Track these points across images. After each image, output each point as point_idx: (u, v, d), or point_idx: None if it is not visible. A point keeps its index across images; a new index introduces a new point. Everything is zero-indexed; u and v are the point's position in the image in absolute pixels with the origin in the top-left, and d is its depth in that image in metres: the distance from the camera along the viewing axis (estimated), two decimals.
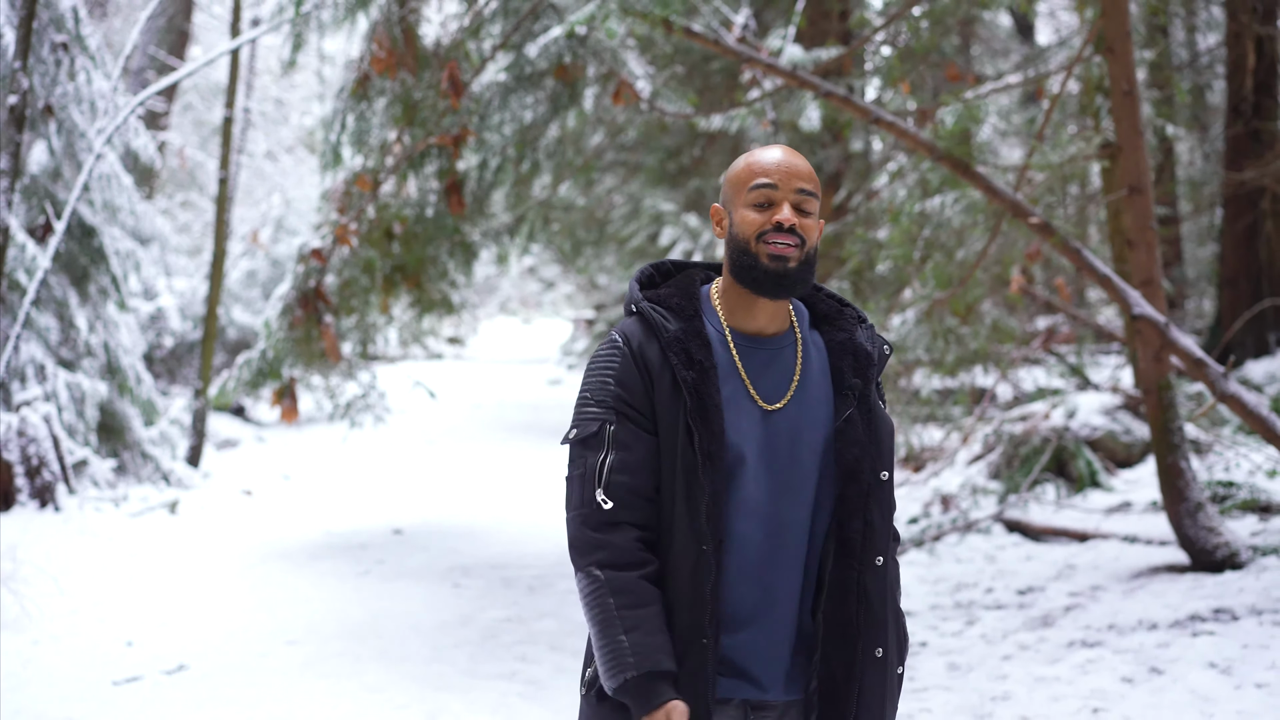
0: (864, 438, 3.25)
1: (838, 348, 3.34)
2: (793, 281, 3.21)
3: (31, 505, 12.00)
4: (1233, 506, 10.63)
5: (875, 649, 3.22)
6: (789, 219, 3.18)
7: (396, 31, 10.08)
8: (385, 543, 12.42)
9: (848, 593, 3.20)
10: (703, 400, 3.14)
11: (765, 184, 3.22)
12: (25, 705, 7.43)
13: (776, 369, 3.28)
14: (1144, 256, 9.20)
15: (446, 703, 7.50)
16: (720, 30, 10.23)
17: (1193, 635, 7.88)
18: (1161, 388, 9.21)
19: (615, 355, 3.25)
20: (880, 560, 3.24)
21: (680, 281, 3.38)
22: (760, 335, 3.30)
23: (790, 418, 3.24)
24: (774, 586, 3.19)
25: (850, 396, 3.27)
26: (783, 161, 3.24)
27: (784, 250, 3.18)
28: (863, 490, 3.22)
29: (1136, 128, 9.22)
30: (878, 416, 3.30)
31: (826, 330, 3.39)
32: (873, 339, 3.38)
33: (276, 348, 11.22)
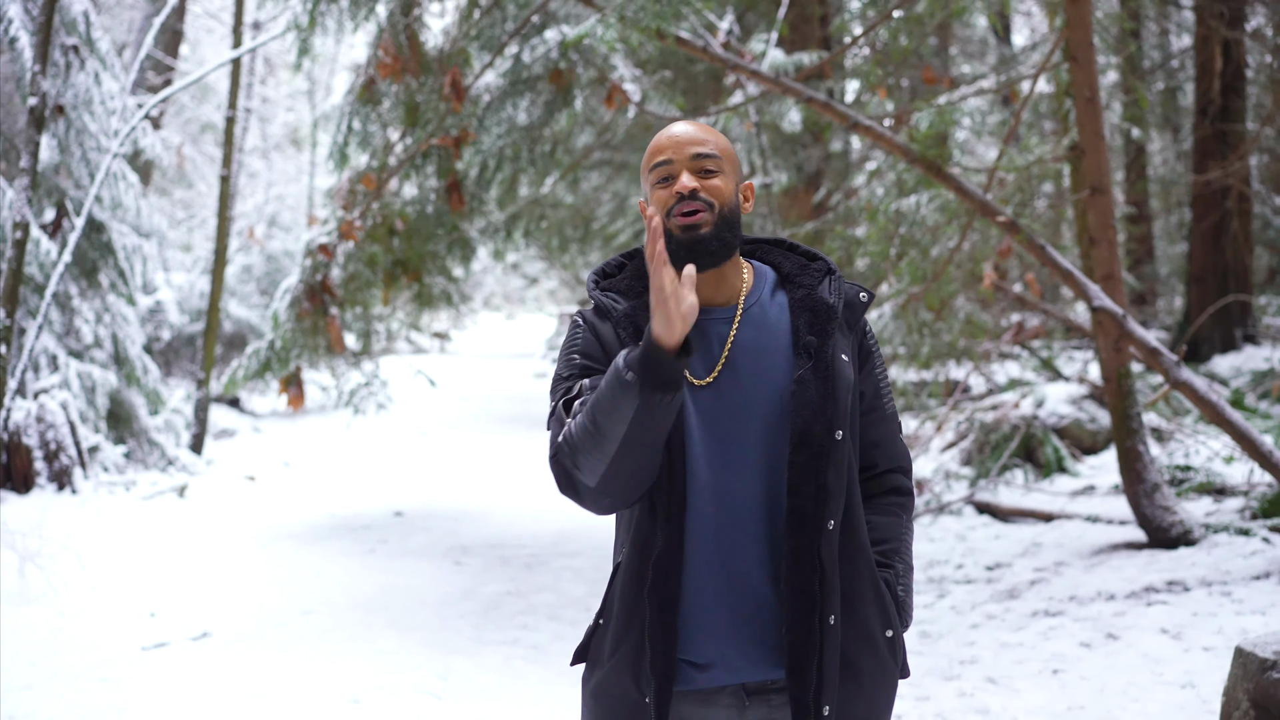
0: (816, 398, 3.11)
1: (796, 305, 3.23)
2: (710, 245, 3.10)
3: (50, 488, 12.58)
4: (1190, 489, 11.26)
5: (828, 616, 3.09)
6: (687, 185, 3.08)
7: (402, 39, 10.62)
8: (387, 524, 12.99)
9: (801, 561, 3.07)
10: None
11: (661, 161, 3.14)
12: (61, 668, 7.98)
13: (715, 341, 3.16)
14: (1105, 252, 9.80)
15: (456, 664, 8.10)
16: (707, 36, 10.78)
17: (1147, 605, 8.48)
18: (1121, 376, 9.82)
19: (577, 332, 3.23)
20: (832, 524, 3.10)
21: (633, 266, 3.33)
22: (704, 306, 3.18)
23: (732, 390, 3.13)
24: (735, 564, 3.10)
25: (805, 355, 3.15)
26: (675, 134, 3.17)
27: (691, 219, 3.08)
28: (814, 453, 3.09)
29: (1099, 132, 9.81)
30: (835, 373, 3.15)
31: (789, 289, 3.29)
32: (839, 289, 3.26)
33: (284, 338, 11.77)
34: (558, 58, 11.45)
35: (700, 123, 3.27)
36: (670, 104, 12.47)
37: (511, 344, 42.22)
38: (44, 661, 8.09)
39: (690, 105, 18.22)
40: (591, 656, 3.19)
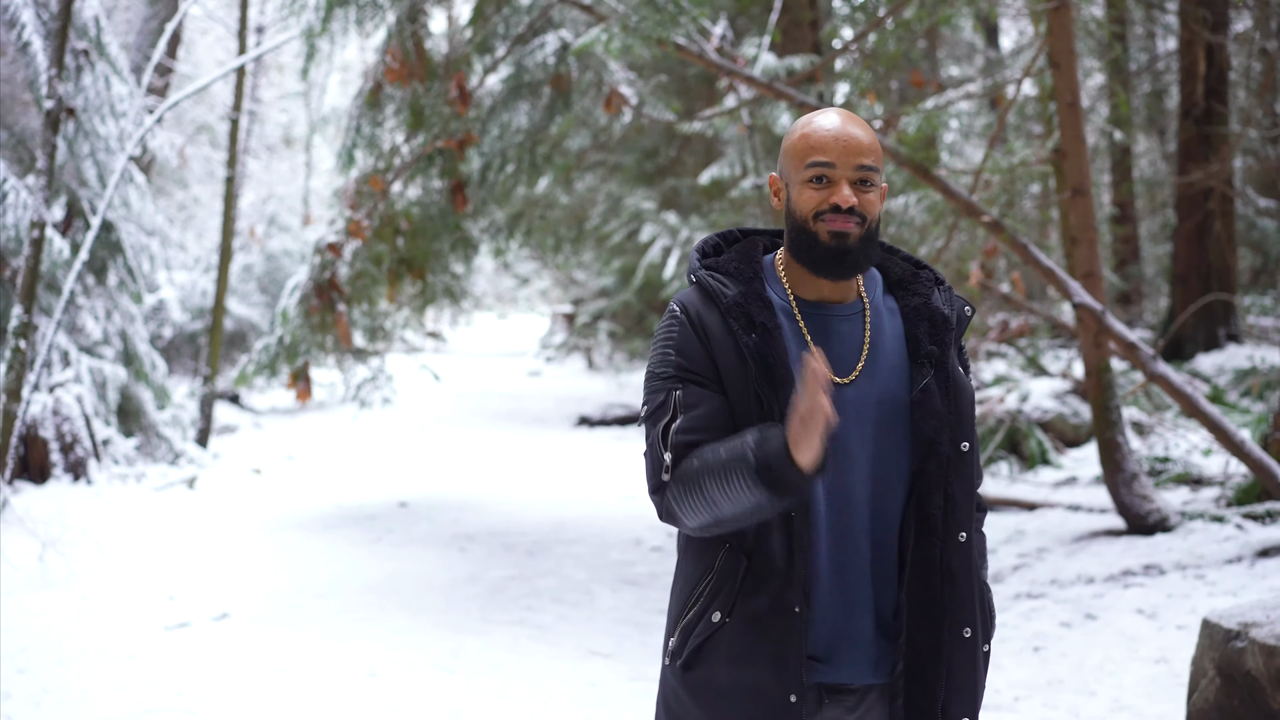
0: (942, 408, 3.08)
1: (913, 313, 3.18)
2: (854, 259, 3.06)
3: (65, 479, 12.98)
4: (1168, 479, 11.70)
5: (963, 629, 3.08)
6: (848, 200, 3.02)
7: (409, 45, 11.02)
8: (392, 514, 13.39)
9: (931, 571, 3.05)
10: (768, 364, 3.01)
11: (821, 162, 3.04)
12: (89, 645, 8.37)
13: (845, 339, 3.13)
14: (1086, 251, 10.22)
15: (465, 642, 8.50)
16: (701, 41, 11.17)
17: (1124, 587, 8.91)
18: (1101, 370, 10.25)
19: (674, 325, 3.13)
20: (964, 536, 3.10)
21: (742, 248, 3.25)
22: (826, 302, 3.15)
23: (859, 390, 3.08)
24: (843, 563, 3.05)
25: (927, 365, 3.11)
26: (840, 135, 3.07)
27: (843, 227, 3.02)
28: (942, 463, 3.06)
29: (1080, 136, 10.23)
30: (957, 384, 3.13)
31: (901, 295, 3.22)
32: (951, 301, 3.22)
33: (294, 334, 12.16)
34: (556, 63, 11.83)
35: (857, 119, 3.12)
36: (666, 108, 12.84)
37: (504, 343, 42.58)
38: (71, 640, 8.48)
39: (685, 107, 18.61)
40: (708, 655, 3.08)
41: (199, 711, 7.08)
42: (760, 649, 3.01)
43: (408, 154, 11.90)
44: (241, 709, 7.13)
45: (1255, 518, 10.04)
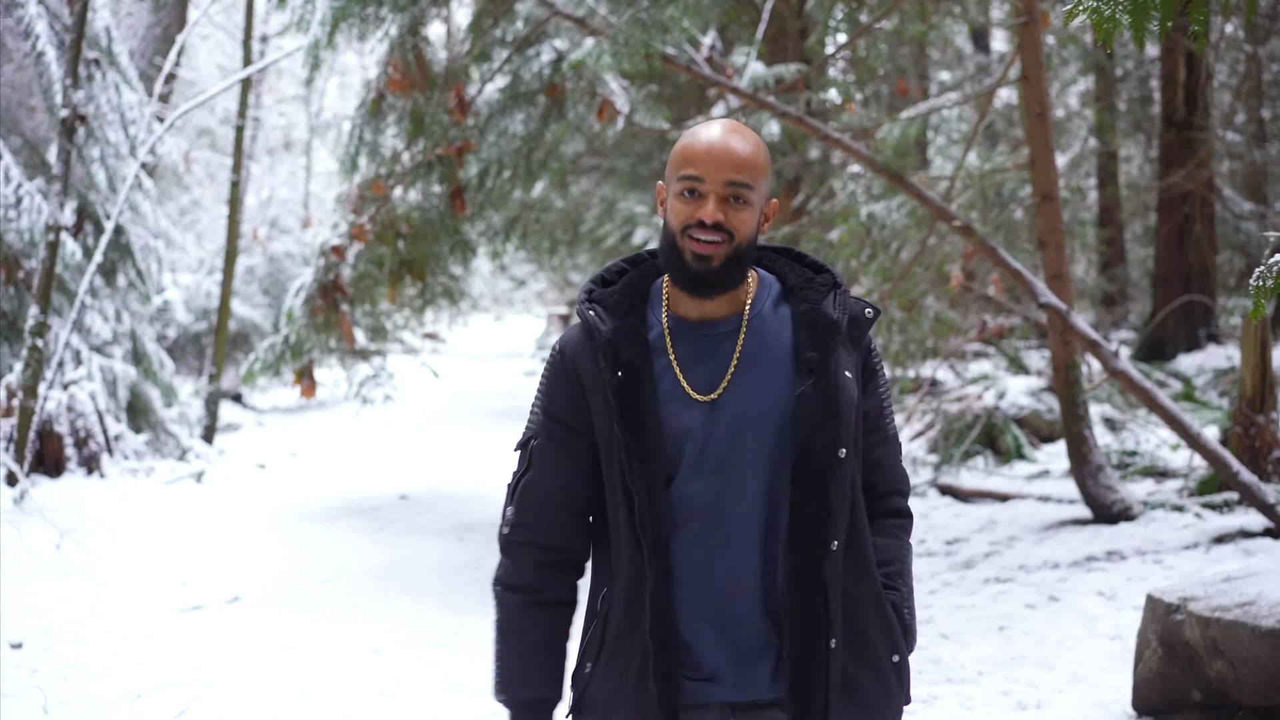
0: (817, 415, 3.01)
1: (799, 320, 3.11)
2: (715, 281, 3.02)
3: (79, 472, 13.51)
4: (1134, 472, 12.24)
5: (830, 639, 3.02)
6: (712, 215, 2.96)
7: (410, 57, 11.53)
8: (393, 506, 13.91)
9: (802, 582, 3.01)
10: (630, 402, 3.02)
11: (690, 175, 3.00)
12: (108, 625, 8.90)
13: (713, 357, 3.09)
14: (1053, 254, 10.75)
15: (466, 622, 9.03)
16: (691, 51, 11.67)
17: (1087, 571, 9.43)
18: (1069, 367, 10.78)
19: (549, 367, 3.19)
20: (836, 544, 3.03)
21: (633, 275, 3.22)
22: (705, 320, 3.11)
23: (730, 407, 3.05)
24: (726, 583, 3.04)
25: (806, 372, 3.04)
26: (715, 147, 3.00)
27: (706, 249, 2.98)
28: (815, 472, 3.01)
29: (1048, 144, 10.76)
30: (838, 390, 3.05)
31: (793, 302, 3.16)
32: (844, 304, 3.13)
33: (299, 333, 12.67)
34: (551, 73, 12.34)
35: (742, 132, 3.07)
36: (657, 115, 13.33)
37: (501, 344, 43.05)
38: (91, 622, 8.99)
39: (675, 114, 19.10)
40: (586, 704, 3.15)
41: (215, 684, 7.61)
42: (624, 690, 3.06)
43: (408, 161, 12.39)
44: (255, 682, 7.65)
45: (1213, 507, 10.59)
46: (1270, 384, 10.83)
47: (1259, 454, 10.65)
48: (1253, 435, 10.74)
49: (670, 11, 9.87)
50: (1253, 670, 6.21)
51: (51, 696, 7.34)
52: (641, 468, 2.99)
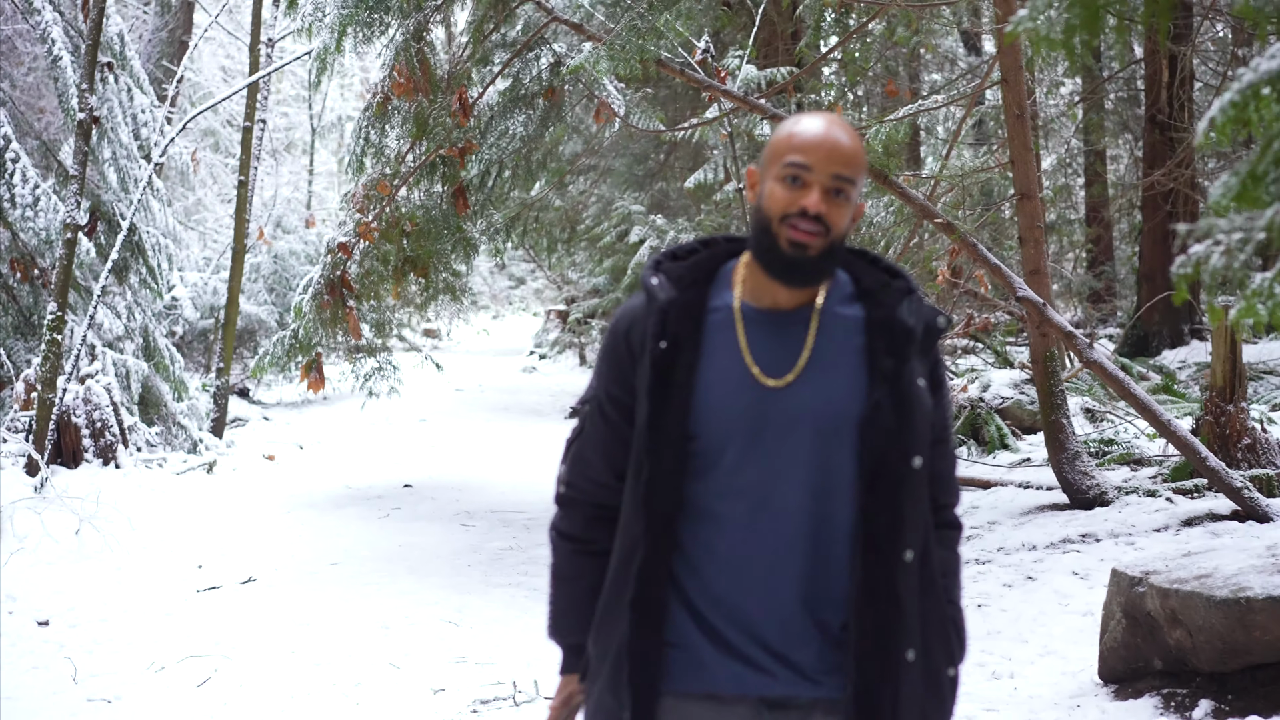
0: (892, 424, 2.97)
1: (875, 325, 3.05)
2: (809, 271, 2.98)
3: (96, 463, 13.98)
4: (1111, 460, 12.70)
5: (906, 651, 2.99)
6: (815, 206, 2.93)
7: (414, 62, 11.98)
8: (398, 494, 14.37)
9: (875, 592, 2.97)
10: (665, 375, 3.01)
11: (798, 163, 2.96)
12: (129, 604, 9.36)
13: (784, 344, 3.05)
14: (1032, 250, 11.21)
15: (469, 601, 9.51)
16: (685, 54, 12.11)
17: (1062, 553, 9.88)
18: (1046, 358, 11.24)
19: (609, 335, 3.18)
20: (909, 555, 3.00)
21: (703, 255, 3.21)
22: (776, 309, 3.07)
23: (795, 397, 3.01)
24: (771, 572, 3.00)
25: (882, 379, 3.00)
26: (824, 140, 2.98)
27: (805, 238, 2.94)
28: (890, 482, 2.97)
29: (1027, 144, 11.21)
30: (912, 399, 3.00)
31: (868, 305, 3.10)
32: (919, 312, 3.06)
33: (307, 327, 13.11)
34: (550, 77, 12.79)
35: (847, 128, 3.04)
36: (652, 117, 13.77)
37: (500, 341, 43.42)
38: (113, 601, 9.45)
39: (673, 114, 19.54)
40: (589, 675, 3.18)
41: (234, 657, 8.07)
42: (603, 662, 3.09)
43: (412, 161, 12.83)
44: (271, 655, 8.12)
45: (1184, 492, 11.05)
46: (1240, 374, 11.29)
47: (1229, 441, 11.13)
48: (1223, 423, 11.21)
49: (664, 18, 10.33)
50: (1208, 638, 6.67)
51: (80, 668, 7.81)
52: (658, 441, 3.00)
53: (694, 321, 3.06)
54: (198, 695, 7.38)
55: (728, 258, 3.20)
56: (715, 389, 3.01)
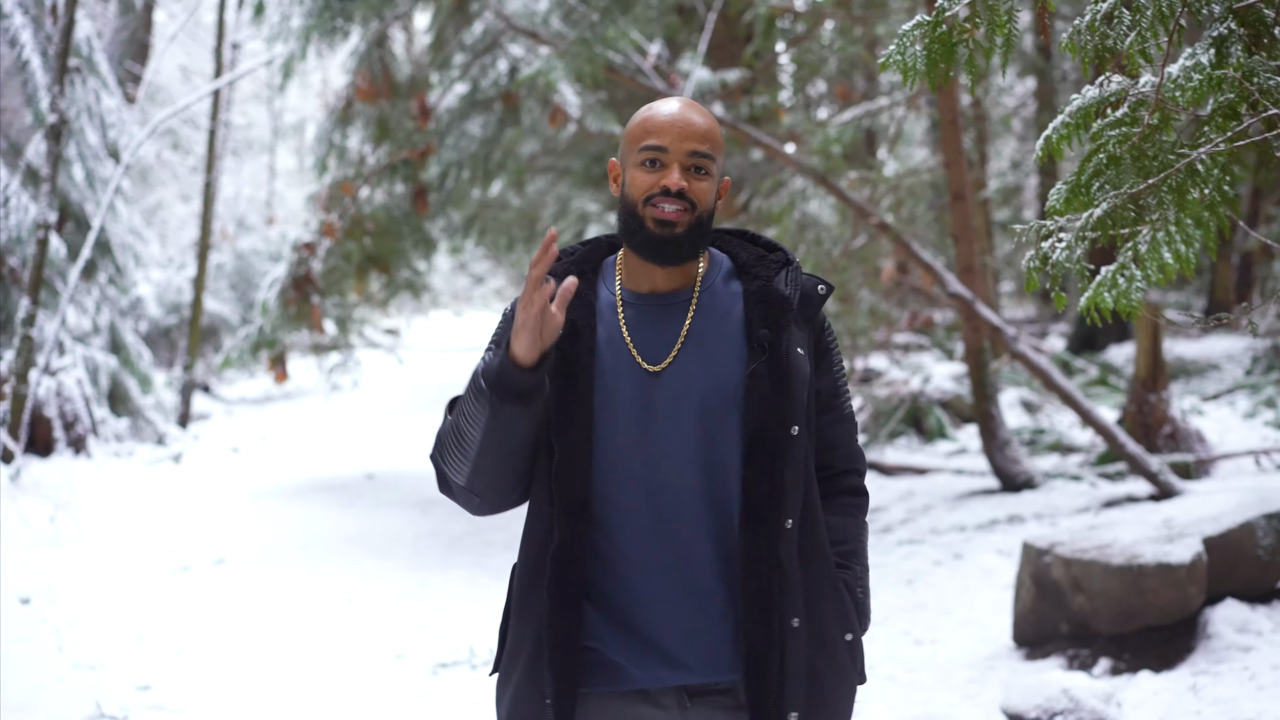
0: (770, 392, 3.01)
1: (751, 297, 3.10)
2: (679, 247, 3.02)
3: (67, 453, 14.49)
4: (1043, 448, 13.35)
5: (791, 618, 2.99)
6: (676, 183, 2.99)
7: (376, 68, 12.53)
8: (361, 484, 14.89)
9: (759, 561, 2.97)
10: (566, 359, 3.02)
11: (653, 145, 3.02)
12: (106, 583, 9.87)
13: (664, 328, 3.10)
14: (965, 248, 11.82)
15: (429, 579, 10.07)
16: (637, 59, 12.66)
17: (989, 533, 10.48)
18: (979, 351, 11.86)
19: (502, 322, 3.17)
20: (790, 523, 3.00)
21: (585, 250, 3.25)
22: (655, 293, 3.12)
23: (677, 378, 3.05)
24: (679, 561, 3.02)
25: (759, 349, 3.04)
26: (677, 119, 3.04)
27: (670, 215, 2.99)
28: (768, 449, 3.00)
29: (959, 149, 11.82)
30: (790, 367, 3.04)
31: (745, 279, 3.15)
32: (796, 281, 3.13)
33: (273, 322, 13.64)
34: (507, 82, 13.34)
35: (698, 107, 3.10)
36: (606, 120, 14.31)
37: (459, 339, 43.82)
38: (91, 581, 9.96)
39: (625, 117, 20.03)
40: (503, 667, 3.16)
41: (209, 628, 8.62)
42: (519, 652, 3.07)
43: (374, 163, 13.38)
44: (245, 626, 8.67)
45: (1107, 476, 11.70)
46: (1160, 367, 11.93)
47: (1151, 429, 11.77)
48: (1145, 412, 11.84)
49: (615, 28, 10.91)
50: (1106, 603, 7.30)
51: (64, 639, 8.32)
52: (566, 425, 3.00)
53: (587, 308, 3.11)
54: (178, 661, 7.92)
55: (609, 252, 3.27)
56: (605, 376, 3.07)
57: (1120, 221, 3.92)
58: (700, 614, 3.01)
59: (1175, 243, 3.99)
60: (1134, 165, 3.88)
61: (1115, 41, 3.88)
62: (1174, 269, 4.02)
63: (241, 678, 7.62)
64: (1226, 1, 3.86)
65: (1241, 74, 3.74)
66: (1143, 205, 3.89)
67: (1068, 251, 3.85)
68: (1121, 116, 3.93)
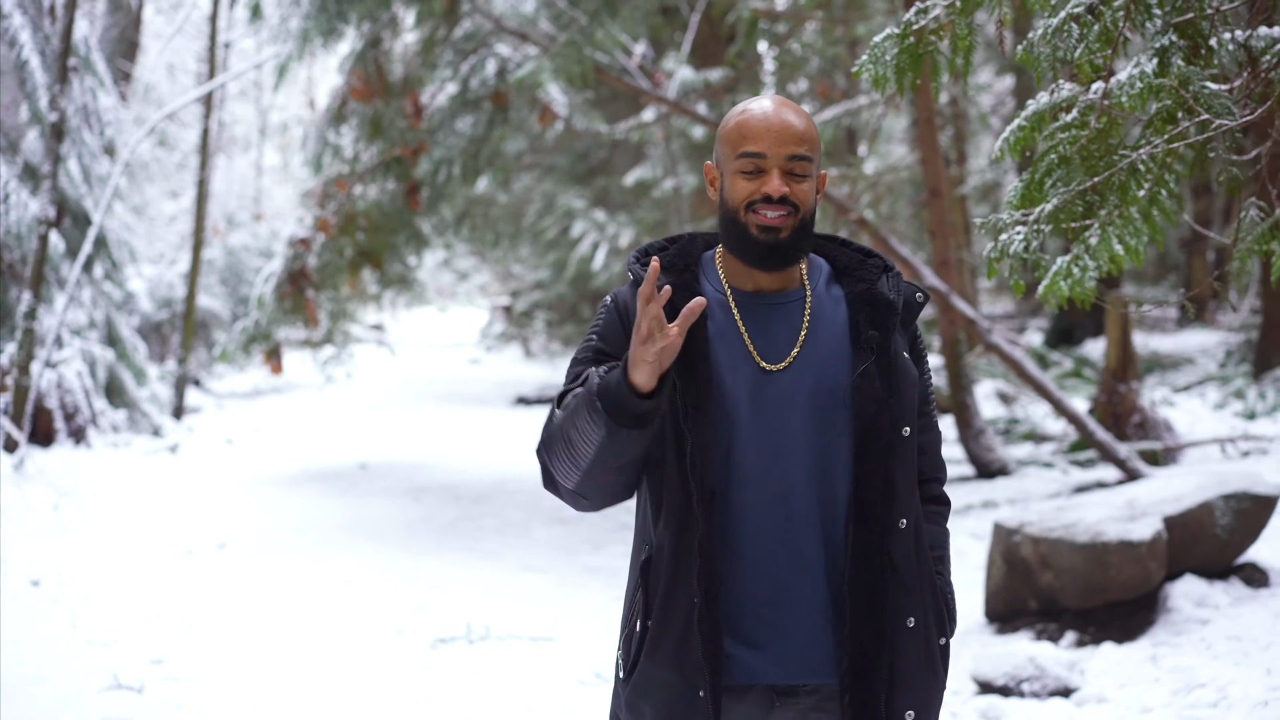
0: (881, 393, 3.01)
1: (856, 300, 3.11)
2: (785, 252, 3.02)
3: (68, 444, 14.85)
4: (1017, 437, 13.78)
5: (906, 618, 2.98)
6: (778, 190, 2.96)
7: (371, 69, 12.90)
8: (354, 473, 15.26)
9: (870, 559, 2.96)
10: (686, 349, 2.96)
11: (752, 153, 2.99)
12: (113, 568, 10.23)
13: (781, 327, 3.08)
14: (941, 243, 12.24)
15: (424, 561, 10.46)
16: (623, 59, 13.04)
17: (964, 518, 10.88)
18: (954, 342, 12.28)
19: (602, 313, 3.15)
20: (904, 522, 3.01)
21: (681, 245, 3.22)
22: (760, 292, 3.11)
23: (794, 378, 3.04)
24: (788, 558, 3.00)
25: (867, 350, 3.03)
26: (773, 124, 3.01)
27: (774, 221, 2.98)
28: (881, 449, 3.00)
29: (935, 146, 12.24)
30: (899, 368, 3.05)
31: (846, 282, 3.16)
32: (898, 287, 3.14)
33: (268, 316, 14.01)
34: (496, 81, 13.69)
35: (792, 105, 3.08)
36: (593, 119, 14.70)
37: (445, 335, 44.26)
38: (97, 565, 10.32)
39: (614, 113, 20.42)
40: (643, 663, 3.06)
41: (216, 607, 8.99)
42: (665, 645, 3.00)
43: (368, 160, 13.75)
44: (250, 605, 9.05)
45: (1078, 464, 12.14)
46: (1131, 358, 12.36)
47: (1120, 418, 12.20)
48: (1115, 402, 12.28)
49: (603, 31, 11.30)
50: (1072, 578, 7.69)
51: (76, 617, 8.69)
52: (695, 413, 2.97)
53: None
54: (188, 637, 8.29)
55: (704, 248, 3.24)
56: (722, 370, 3.04)
57: (1071, 216, 4.32)
58: (804, 615, 3.00)
59: (1125, 235, 4.37)
60: (1083, 165, 4.28)
61: (1065, 53, 4.27)
62: (1124, 259, 4.41)
63: (250, 652, 8.00)
64: (1167, 16, 4.27)
65: (1178, 82, 4.14)
66: (1090, 201, 4.29)
67: (1025, 243, 4.23)
68: (1071, 120, 4.33)
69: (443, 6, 12.80)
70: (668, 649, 2.98)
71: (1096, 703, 6.66)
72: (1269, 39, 4.42)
